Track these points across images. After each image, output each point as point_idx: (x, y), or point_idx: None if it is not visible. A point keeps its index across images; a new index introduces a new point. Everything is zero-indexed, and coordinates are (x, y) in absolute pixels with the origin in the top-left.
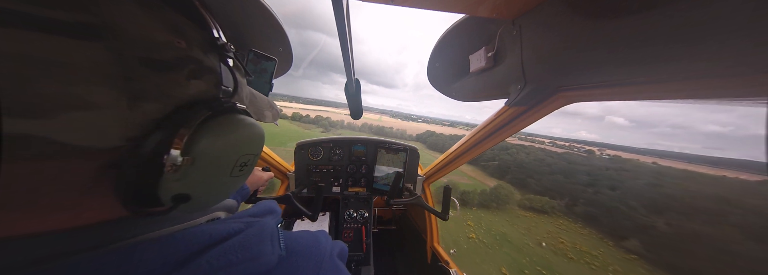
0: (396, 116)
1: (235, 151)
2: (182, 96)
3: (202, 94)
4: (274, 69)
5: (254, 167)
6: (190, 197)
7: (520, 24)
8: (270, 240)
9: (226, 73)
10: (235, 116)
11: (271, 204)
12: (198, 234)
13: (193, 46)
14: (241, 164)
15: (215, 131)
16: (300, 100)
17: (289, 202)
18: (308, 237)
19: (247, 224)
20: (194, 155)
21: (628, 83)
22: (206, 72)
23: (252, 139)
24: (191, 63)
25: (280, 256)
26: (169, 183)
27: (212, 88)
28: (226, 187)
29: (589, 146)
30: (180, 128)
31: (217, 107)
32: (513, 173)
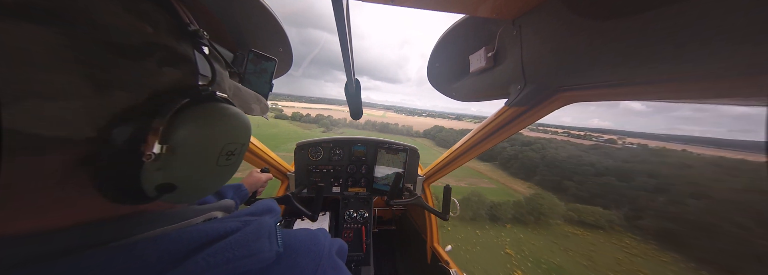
0: (400, 111)
1: (218, 139)
2: (156, 84)
3: (178, 82)
4: (274, 69)
5: (242, 158)
6: (176, 187)
7: (520, 24)
8: (267, 237)
9: (203, 61)
10: (216, 105)
11: (270, 203)
12: (194, 232)
13: (160, 32)
14: (226, 153)
15: (194, 118)
16: (303, 99)
17: (289, 202)
18: (307, 234)
19: (245, 222)
20: (174, 144)
21: (627, 84)
22: (180, 60)
23: (236, 127)
24: (161, 50)
25: (278, 253)
26: (151, 173)
27: (189, 77)
28: (214, 176)
29: (605, 134)
30: (156, 117)
31: (194, 94)
32: (543, 173)
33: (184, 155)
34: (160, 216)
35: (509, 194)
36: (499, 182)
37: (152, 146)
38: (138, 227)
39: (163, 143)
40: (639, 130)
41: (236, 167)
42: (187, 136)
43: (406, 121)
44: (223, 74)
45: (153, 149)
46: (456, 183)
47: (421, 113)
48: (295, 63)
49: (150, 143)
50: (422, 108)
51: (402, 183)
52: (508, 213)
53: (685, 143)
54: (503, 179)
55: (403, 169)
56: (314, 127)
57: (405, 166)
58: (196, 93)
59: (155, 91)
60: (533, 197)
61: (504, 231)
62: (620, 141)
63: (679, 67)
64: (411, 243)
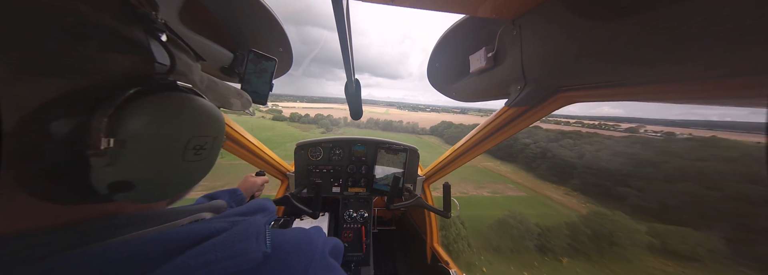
0: (403, 107)
1: (180, 132)
2: (98, 71)
3: (129, 70)
4: (274, 69)
5: (218, 152)
6: (133, 185)
7: (520, 24)
8: (255, 237)
9: (160, 48)
10: (176, 94)
11: (263, 202)
12: (174, 234)
13: (101, 14)
14: (194, 147)
15: (149, 109)
16: (304, 99)
17: (289, 203)
18: (299, 234)
19: (233, 223)
20: (124, 137)
21: (627, 84)
22: (129, 46)
23: (202, 119)
24: (101, 33)
25: (265, 253)
26: (100, 170)
27: (142, 65)
28: (182, 172)
29: (620, 122)
30: (100, 108)
31: (148, 83)
32: (583, 176)
33: (138, 149)
34: (135, 219)
35: (546, 204)
36: (527, 188)
37: (98, 139)
38: (109, 231)
39: (111, 136)
40: (652, 116)
41: (211, 161)
42: (140, 128)
43: (410, 117)
44: (192, 65)
45: (99, 143)
46: (477, 192)
47: (425, 109)
48: (296, 62)
49: (95, 136)
50: (425, 103)
51: (402, 184)
52: (561, 240)
53: (710, 128)
54: (531, 184)
55: (403, 169)
56: (313, 128)
57: (405, 166)
58: (150, 82)
59: (98, 79)
60: (597, 217)
61: (560, 268)
62: (641, 130)
63: (679, 67)
64: (411, 243)
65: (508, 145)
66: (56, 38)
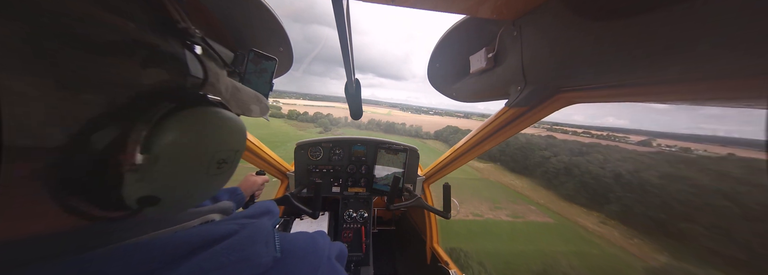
0: (406, 109)
1: (207, 147)
2: (138, 86)
3: (165, 84)
4: (274, 69)
5: (237, 164)
6: (159, 199)
7: (521, 25)
8: (264, 241)
9: (195, 61)
10: (206, 109)
11: (268, 205)
12: (188, 236)
13: (144, 29)
14: (218, 161)
15: (181, 125)
16: (307, 97)
17: (289, 203)
18: (305, 238)
19: (242, 225)
20: (157, 153)
21: (628, 85)
22: (166, 59)
23: (229, 133)
24: (144, 48)
25: (275, 258)
26: (131, 184)
27: (177, 78)
28: (204, 186)
29: (628, 134)
30: (137, 123)
31: (182, 98)
32: (625, 201)
33: (168, 164)
34: (150, 221)
35: (583, 238)
36: (554, 213)
37: (134, 155)
38: (125, 232)
39: (146, 152)
40: (659, 129)
41: (229, 174)
42: (172, 144)
43: (413, 120)
44: (219, 73)
45: (135, 158)
46: (494, 214)
47: (428, 111)
48: (299, 60)
49: (130, 151)
50: (428, 106)
51: (401, 184)
52: None
53: (723, 144)
54: (556, 206)
55: (403, 169)
56: (311, 127)
57: (405, 166)
58: (184, 96)
59: (137, 94)
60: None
61: None
62: (654, 143)
63: (680, 67)
64: (411, 243)
65: (523, 156)
66: (101, 54)
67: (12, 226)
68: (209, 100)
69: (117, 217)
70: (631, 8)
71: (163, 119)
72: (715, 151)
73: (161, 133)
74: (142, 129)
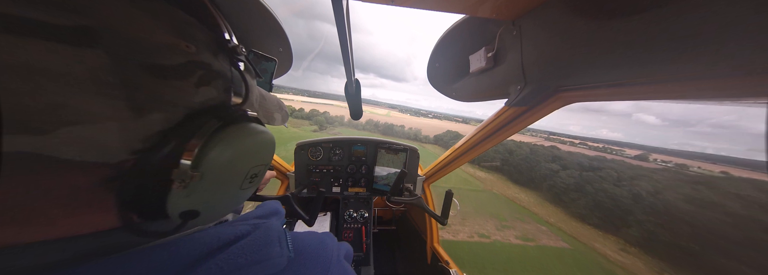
0: (405, 110)
1: (245, 163)
2: (190, 105)
3: (212, 101)
4: (274, 69)
5: (263, 178)
6: (199, 213)
7: (520, 25)
8: (278, 241)
9: (238, 77)
10: (246, 126)
11: (275, 205)
12: (205, 237)
13: (202, 50)
14: (251, 175)
15: (225, 142)
16: (306, 93)
17: (288, 203)
18: (315, 238)
19: (254, 226)
20: (203, 170)
21: (628, 84)
22: (216, 77)
23: (263, 149)
24: (200, 68)
25: (289, 258)
26: (178, 199)
27: (222, 94)
28: (235, 200)
29: (624, 147)
30: (188, 141)
31: (227, 116)
32: (647, 226)
33: (212, 181)
34: None
35: (604, 268)
36: (568, 235)
37: (185, 171)
38: (151, 234)
39: (194, 169)
40: (651, 144)
41: (256, 187)
42: (217, 161)
43: (412, 122)
44: (253, 85)
45: (184, 174)
46: (501, 234)
47: (427, 114)
48: (301, 57)
49: (182, 168)
50: (427, 109)
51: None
52: None
53: (712, 162)
54: (569, 226)
55: (403, 169)
56: (306, 124)
57: (405, 166)
58: (229, 114)
59: (190, 112)
60: None
61: None
62: (650, 158)
63: (679, 67)
64: (411, 243)
65: (528, 167)
66: (165, 77)
67: (64, 230)
68: (248, 116)
69: (161, 231)
70: (631, 8)
71: (212, 136)
72: (708, 168)
73: (209, 150)
74: (193, 146)
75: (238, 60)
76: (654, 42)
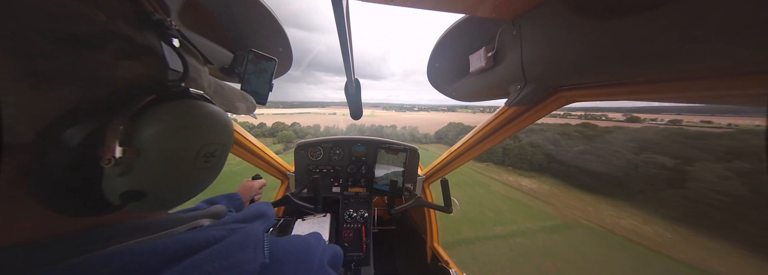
0: (389, 108)
1: (193, 140)
2: (113, 79)
3: (142, 78)
4: (274, 69)
5: (226, 158)
6: (145, 194)
7: (520, 24)
8: (253, 247)
9: (173, 54)
10: (189, 102)
11: (262, 207)
12: (170, 243)
13: (116, 20)
14: (205, 154)
15: (163, 117)
16: (282, 105)
17: (290, 202)
18: (298, 243)
19: (231, 230)
20: (139, 146)
21: (628, 83)
22: (142, 52)
23: (214, 127)
24: (116, 40)
25: (263, 264)
26: (113, 179)
27: (156, 71)
28: (192, 180)
29: (601, 112)
30: (114, 117)
31: (162, 91)
32: None
33: (151, 158)
34: (134, 228)
35: None
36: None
37: (112, 148)
38: (107, 241)
39: (125, 146)
40: (616, 105)
41: (219, 168)
42: (154, 137)
43: (401, 119)
44: (201, 69)
45: (113, 152)
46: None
47: (412, 108)
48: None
49: (109, 145)
50: (410, 103)
51: (401, 184)
52: None
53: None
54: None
55: (403, 169)
56: (268, 143)
57: (405, 166)
58: (164, 89)
59: (113, 87)
60: None
61: None
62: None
63: (679, 66)
64: (411, 243)
65: (603, 162)
66: (72, 47)
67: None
68: (192, 93)
69: (102, 214)
70: (630, 7)
71: (142, 112)
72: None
73: (142, 126)
74: (121, 122)
75: (168, 36)
76: (654, 42)
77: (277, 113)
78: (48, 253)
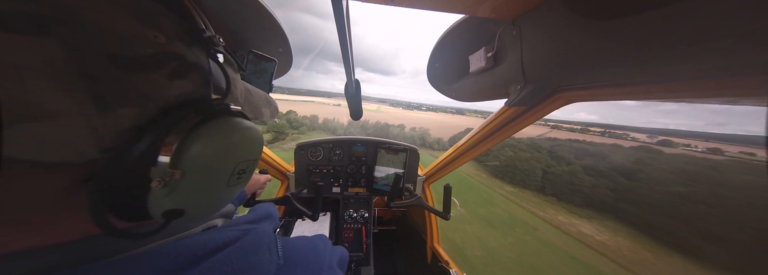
0: (396, 104)
1: (231, 159)
2: (165, 99)
3: (189, 95)
4: (274, 70)
5: (252, 173)
6: (184, 212)
7: (520, 24)
8: (267, 248)
9: (217, 69)
10: (229, 120)
11: (268, 208)
12: (191, 245)
13: (173, 40)
14: (238, 171)
15: (207, 138)
16: (292, 91)
17: (289, 203)
18: (306, 244)
19: (244, 232)
20: (184, 167)
21: (627, 83)
22: (192, 70)
23: (249, 144)
24: (172, 60)
25: (278, 265)
26: (158, 198)
27: (200, 87)
28: (223, 197)
29: (610, 128)
30: (165, 137)
31: (207, 110)
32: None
33: (195, 178)
34: (153, 230)
35: None
36: None
37: (163, 169)
38: (128, 243)
39: (174, 167)
40: (624, 123)
41: (246, 182)
42: (199, 158)
43: (409, 118)
44: (236, 79)
45: (163, 173)
46: None
47: (420, 107)
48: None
49: (160, 166)
50: (417, 102)
51: (402, 184)
52: None
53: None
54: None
55: (403, 169)
56: None
57: (405, 166)
58: (209, 108)
59: (165, 106)
60: None
61: None
62: (649, 139)
63: (679, 67)
64: (411, 243)
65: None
66: (134, 69)
67: (40, 235)
68: (231, 110)
69: (144, 231)
70: (630, 7)
71: (191, 131)
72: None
73: (189, 146)
74: (171, 143)
75: (215, 52)
76: (654, 42)
77: (281, 98)
78: (83, 253)
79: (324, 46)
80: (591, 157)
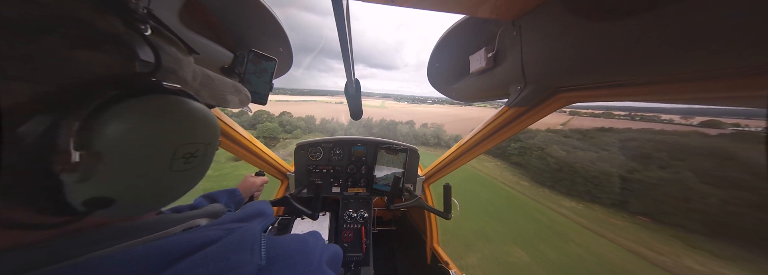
0: (400, 99)
1: (166, 140)
2: (68, 72)
3: (106, 69)
4: (274, 69)
5: (212, 158)
6: (113, 200)
7: (520, 25)
8: (250, 248)
9: (141, 42)
10: (161, 97)
11: (260, 206)
12: (165, 245)
13: (69, 3)
14: (184, 155)
15: (127, 116)
16: (294, 91)
17: (288, 204)
18: (296, 242)
19: (228, 231)
20: (100, 149)
21: (627, 84)
22: (104, 40)
23: (192, 125)
24: (70, 26)
25: (259, 266)
26: (73, 186)
27: (123, 62)
28: (170, 183)
29: (620, 111)
30: (69, 114)
31: (128, 85)
32: None
33: (117, 161)
34: (125, 229)
35: None
36: None
37: (66, 153)
38: (96, 244)
39: (82, 149)
40: (641, 105)
41: (204, 169)
42: (117, 138)
43: (418, 114)
44: (182, 60)
45: (69, 156)
46: None
47: (425, 100)
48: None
49: (62, 148)
50: (422, 95)
51: (402, 184)
52: None
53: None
54: None
55: (403, 169)
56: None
57: (405, 166)
58: (130, 83)
59: (66, 81)
60: None
61: None
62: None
63: (679, 67)
64: (411, 243)
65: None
66: (11, 34)
67: None
68: (165, 88)
69: (65, 222)
70: (630, 8)
71: (102, 110)
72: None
73: (102, 126)
74: (72, 123)
75: (136, 21)
76: (653, 42)
77: (282, 99)
78: (20, 261)
79: (325, 44)
80: (686, 154)
